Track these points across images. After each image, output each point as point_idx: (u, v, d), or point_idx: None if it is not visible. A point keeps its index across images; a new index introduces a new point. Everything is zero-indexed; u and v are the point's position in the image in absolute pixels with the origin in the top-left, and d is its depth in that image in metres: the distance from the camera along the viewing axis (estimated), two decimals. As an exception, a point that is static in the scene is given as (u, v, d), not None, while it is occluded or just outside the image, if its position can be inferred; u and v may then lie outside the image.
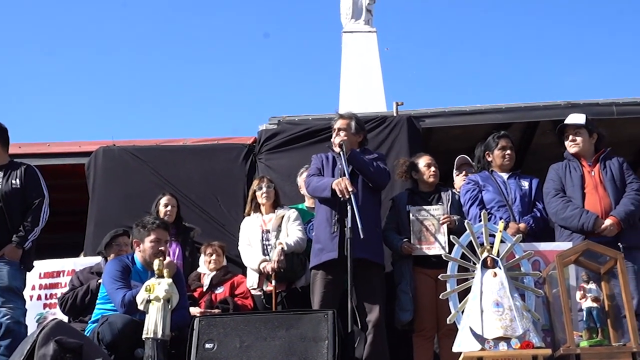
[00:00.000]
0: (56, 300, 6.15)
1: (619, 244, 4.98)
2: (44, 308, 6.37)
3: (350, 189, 5.08)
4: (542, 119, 7.52)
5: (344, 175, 5.26)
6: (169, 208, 6.33)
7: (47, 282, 6.47)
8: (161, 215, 6.17)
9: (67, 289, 5.93)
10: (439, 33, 38.92)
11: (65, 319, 5.62)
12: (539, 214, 5.54)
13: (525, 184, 5.70)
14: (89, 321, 5.06)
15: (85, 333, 4.72)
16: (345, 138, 5.53)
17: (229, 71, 41.31)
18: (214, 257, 6.05)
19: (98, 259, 6.04)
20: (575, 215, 5.15)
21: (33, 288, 6.32)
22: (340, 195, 5.16)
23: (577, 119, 5.56)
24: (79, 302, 5.56)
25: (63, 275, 6.45)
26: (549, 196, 5.40)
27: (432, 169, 5.88)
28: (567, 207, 5.22)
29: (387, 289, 5.51)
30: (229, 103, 41.68)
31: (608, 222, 5.10)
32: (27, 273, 5.55)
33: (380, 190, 5.67)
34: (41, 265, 6.28)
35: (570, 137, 5.51)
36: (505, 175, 5.75)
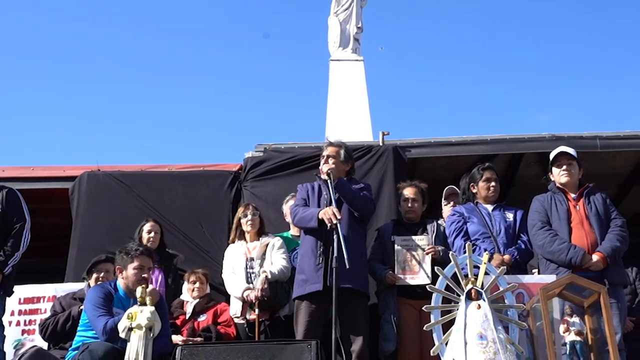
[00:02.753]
0: (35, 327, 6.07)
1: (605, 279, 5.00)
2: (22, 334, 6.25)
3: (338, 216, 5.08)
4: (527, 151, 7.56)
5: (330, 203, 5.26)
6: (152, 234, 6.29)
7: (26, 307, 6.37)
8: (144, 241, 6.14)
9: (47, 314, 5.85)
10: (426, 63, 39.32)
11: (45, 345, 5.55)
12: (523, 246, 5.54)
13: (509, 215, 5.71)
14: (70, 348, 4.98)
15: (65, 360, 4.66)
16: (334, 166, 5.54)
17: (217, 98, 41.47)
18: (197, 284, 6.01)
19: (80, 285, 5.98)
20: (563, 250, 5.15)
21: (12, 314, 6.21)
22: (328, 223, 5.15)
23: (569, 150, 5.59)
24: (59, 329, 5.48)
25: (43, 301, 6.36)
26: (534, 228, 5.39)
27: (409, 204, 5.91)
28: (554, 240, 5.22)
29: (371, 319, 5.50)
30: (215, 130, 41.75)
31: (595, 257, 5.11)
32: (7, 298, 5.48)
33: (365, 221, 5.66)
34: (21, 291, 6.18)
35: (564, 167, 5.50)
36: (490, 207, 5.77)
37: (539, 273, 5.46)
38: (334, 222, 5.08)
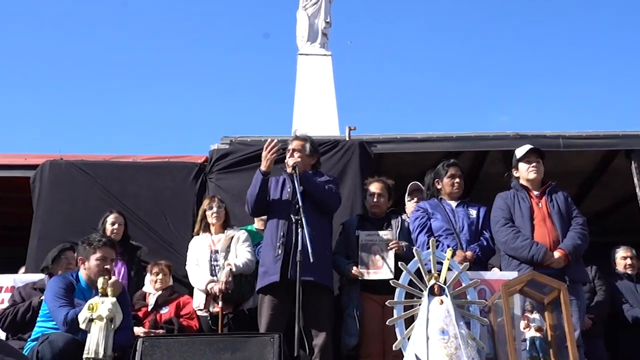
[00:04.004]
0: (-9, 318, 5.98)
1: (566, 277, 5.07)
2: (-22, 324, 6.14)
3: (274, 145, 5.31)
4: (492, 149, 7.65)
5: (295, 196, 5.27)
6: (115, 226, 6.23)
7: (-16, 297, 6.26)
8: (108, 233, 6.08)
9: (5, 305, 5.76)
10: (393, 60, 39.46)
11: (2, 335, 5.46)
12: (485, 243, 5.58)
13: (473, 212, 5.75)
14: (29, 339, 4.92)
15: (24, 351, 4.60)
16: (299, 160, 5.54)
17: (183, 88, 41.11)
18: (160, 276, 5.97)
19: (39, 276, 5.89)
20: (526, 247, 5.21)
21: (-32, 304, 6.12)
22: (266, 159, 5.36)
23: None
24: (19, 319, 5.40)
25: (1, 292, 6.25)
26: (498, 225, 5.44)
27: (374, 199, 5.94)
28: (517, 237, 5.28)
29: (335, 313, 5.51)
30: (181, 121, 41.45)
31: (557, 254, 5.18)
32: (-34, 287, 5.40)
33: (330, 214, 5.67)
34: (-21, 280, 6.09)
35: (534, 164, 5.57)
36: (453, 204, 5.80)
37: (500, 270, 5.51)
38: (273, 150, 5.31)
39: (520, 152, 5.65)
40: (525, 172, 5.60)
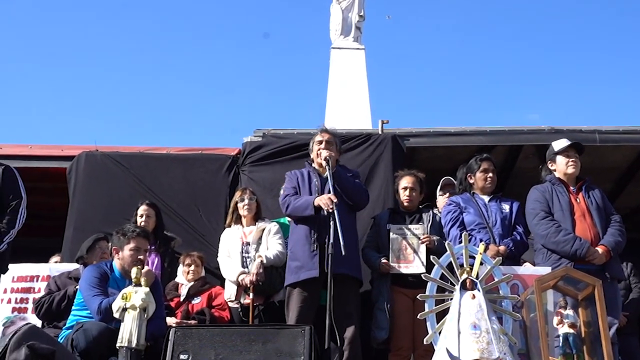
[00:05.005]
0: (27, 305, 6.09)
1: (606, 273, 5.01)
2: (13, 312, 6.24)
3: (334, 200, 5.07)
4: (526, 143, 7.56)
5: (326, 191, 5.26)
6: (144, 218, 6.28)
7: (19, 286, 6.35)
8: (138, 223, 6.13)
9: (41, 294, 5.86)
10: (427, 54, 39.23)
11: (38, 323, 5.55)
12: (518, 237, 5.53)
13: (506, 207, 5.69)
14: (64, 327, 4.99)
15: (59, 339, 4.66)
16: (332, 153, 5.53)
17: (217, 82, 41.35)
18: (192, 267, 6.02)
19: (74, 265, 5.98)
20: (569, 241, 5.12)
21: (5, 291, 6.23)
22: (325, 208, 5.14)
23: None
24: (54, 307, 5.49)
25: (37, 281, 6.34)
26: (537, 217, 5.34)
27: (407, 193, 5.89)
28: (559, 231, 5.19)
29: (365, 307, 5.50)
30: (215, 114, 41.71)
31: (600, 250, 5.11)
32: (1, 275, 5.48)
33: (358, 210, 5.66)
34: (16, 269, 6.18)
35: (573, 158, 5.49)
36: (486, 198, 5.75)
37: (533, 265, 5.45)
38: (331, 206, 5.07)
39: (558, 145, 5.57)
40: (563, 166, 5.51)
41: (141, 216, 6.29)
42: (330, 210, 5.05)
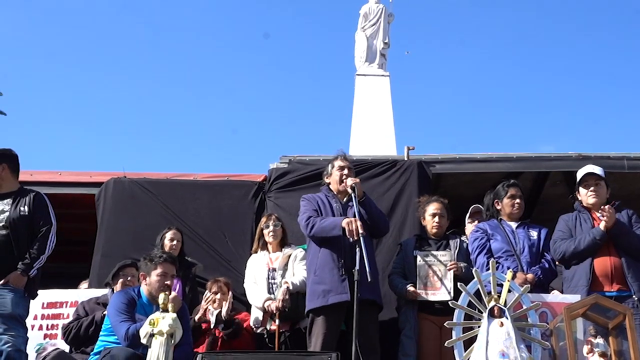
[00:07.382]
0: (57, 331, 6.12)
1: (634, 296, 4.95)
2: (45, 338, 6.29)
3: (361, 231, 5.07)
4: (553, 170, 7.50)
5: (350, 215, 5.26)
6: (174, 243, 6.32)
7: (49, 312, 6.41)
8: (166, 249, 6.16)
9: (69, 320, 5.90)
10: (452, 80, 39.26)
11: (67, 349, 5.59)
12: (547, 265, 5.49)
13: (534, 233, 5.65)
14: (91, 353, 5.02)
15: (87, 364, 4.69)
16: (358, 180, 5.53)
17: (243, 109, 41.69)
18: (218, 295, 6.01)
19: (103, 291, 6.02)
20: (583, 236, 5.18)
21: (35, 317, 6.25)
22: (349, 236, 5.14)
23: (596, 170, 5.54)
24: (82, 333, 5.53)
25: (66, 306, 6.40)
26: (555, 243, 5.38)
27: (436, 219, 5.87)
28: (572, 239, 5.25)
29: (391, 334, 5.47)
30: (241, 140, 42.01)
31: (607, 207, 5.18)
32: (31, 301, 5.53)
33: (377, 237, 5.66)
34: (45, 295, 6.22)
35: (592, 188, 5.46)
36: (514, 225, 5.72)
37: (562, 293, 5.40)
38: (355, 237, 5.06)
39: (579, 175, 5.56)
40: (585, 197, 5.49)
41: (171, 240, 6.32)
42: (356, 238, 5.05)
